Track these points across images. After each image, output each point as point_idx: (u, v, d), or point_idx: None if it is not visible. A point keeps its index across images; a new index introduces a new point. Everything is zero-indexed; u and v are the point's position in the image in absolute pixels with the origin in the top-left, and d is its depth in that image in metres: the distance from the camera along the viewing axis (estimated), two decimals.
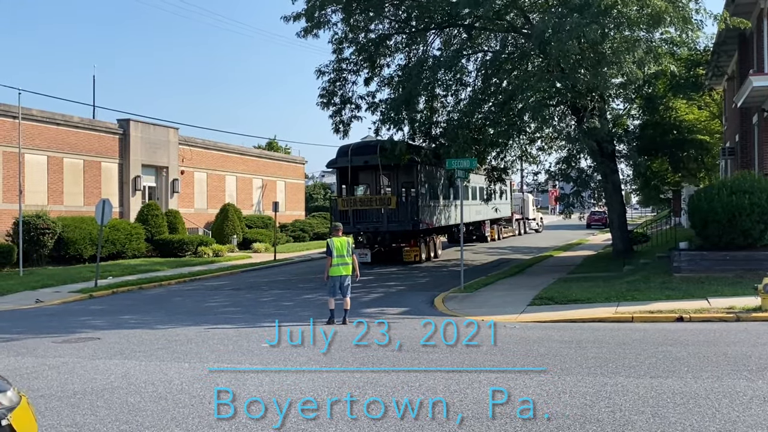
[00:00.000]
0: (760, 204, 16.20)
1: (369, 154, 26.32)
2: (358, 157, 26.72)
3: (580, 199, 24.22)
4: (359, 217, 26.33)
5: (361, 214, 26.42)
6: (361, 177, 29.07)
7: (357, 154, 26.82)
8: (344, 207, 26.60)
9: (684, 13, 18.40)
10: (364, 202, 26.88)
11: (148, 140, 35.77)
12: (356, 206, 26.66)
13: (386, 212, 25.86)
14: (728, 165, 26.76)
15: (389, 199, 26.22)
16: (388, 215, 25.85)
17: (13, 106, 27.32)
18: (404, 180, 27.93)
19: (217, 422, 7.01)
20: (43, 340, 12.55)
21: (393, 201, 26.03)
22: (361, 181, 29.48)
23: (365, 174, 28.71)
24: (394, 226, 26.03)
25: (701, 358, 9.34)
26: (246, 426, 6.85)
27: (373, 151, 26.04)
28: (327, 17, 23.31)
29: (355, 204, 26.80)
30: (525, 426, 6.58)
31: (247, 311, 16.21)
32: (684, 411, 6.90)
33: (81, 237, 28.35)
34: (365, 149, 26.80)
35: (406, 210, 26.21)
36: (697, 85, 25.22)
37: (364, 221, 26.32)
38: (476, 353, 10.11)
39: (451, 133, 22.43)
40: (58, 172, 31.07)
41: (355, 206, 26.65)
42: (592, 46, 18.81)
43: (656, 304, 13.90)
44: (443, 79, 23.30)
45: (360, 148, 27.14)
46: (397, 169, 27.06)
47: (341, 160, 27.28)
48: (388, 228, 26.07)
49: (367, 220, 26.32)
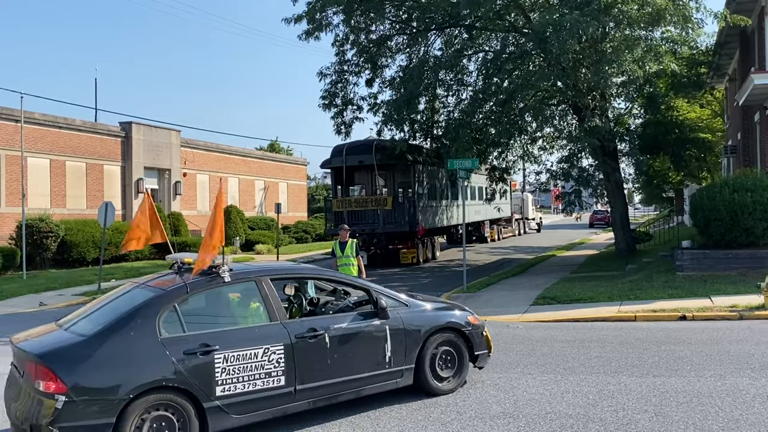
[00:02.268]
0: (762, 202, 16.18)
1: (364, 154, 25.70)
2: (353, 157, 26.00)
3: (579, 199, 24.13)
4: (354, 219, 25.51)
5: (357, 215, 25.69)
6: (356, 177, 28.06)
7: (352, 153, 26.10)
8: (339, 208, 25.96)
9: (684, 12, 18.41)
10: (360, 203, 26.07)
11: (150, 143, 35.84)
12: (351, 207, 25.88)
13: (382, 213, 25.21)
14: (730, 163, 26.74)
15: (385, 200, 25.52)
16: (384, 216, 25.19)
17: (16, 109, 27.42)
18: (401, 180, 27.20)
19: None
20: None
21: (389, 201, 25.34)
22: (357, 182, 28.37)
23: (361, 174, 27.79)
24: (390, 228, 25.35)
25: (704, 356, 9.35)
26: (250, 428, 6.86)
27: (368, 150, 25.51)
28: (328, 19, 23.38)
29: (350, 205, 25.99)
30: (528, 426, 6.59)
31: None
32: (687, 410, 6.91)
33: (84, 240, 28.40)
34: (360, 149, 26.14)
35: (403, 211, 25.45)
36: (699, 84, 25.21)
37: (359, 222, 25.49)
38: None
39: (453, 133, 22.46)
40: (61, 176, 31.13)
41: (350, 207, 25.87)
42: (592, 45, 18.83)
43: (659, 302, 13.88)
44: (444, 79, 23.38)
45: (355, 147, 26.38)
46: (393, 169, 26.50)
47: (335, 160, 26.55)
48: (384, 229, 25.42)
49: (362, 222, 25.54)
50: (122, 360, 6.12)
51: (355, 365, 7.26)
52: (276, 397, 6.74)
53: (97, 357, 6.06)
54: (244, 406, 6.56)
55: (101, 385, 5.99)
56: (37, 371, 5.98)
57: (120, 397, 5.97)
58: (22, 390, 6.24)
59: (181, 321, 6.55)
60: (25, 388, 6.16)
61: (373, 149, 25.11)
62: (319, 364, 7.01)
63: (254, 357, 6.63)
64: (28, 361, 6.16)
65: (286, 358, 6.80)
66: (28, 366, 6.16)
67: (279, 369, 6.75)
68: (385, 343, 7.48)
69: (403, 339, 7.64)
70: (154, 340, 6.31)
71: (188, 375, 6.29)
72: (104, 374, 6.03)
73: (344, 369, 7.16)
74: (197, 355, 6.37)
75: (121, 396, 5.97)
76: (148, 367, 6.17)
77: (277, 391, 6.74)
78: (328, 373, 7.05)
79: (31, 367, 6.09)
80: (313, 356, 6.98)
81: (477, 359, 8.35)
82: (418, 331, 7.79)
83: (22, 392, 6.23)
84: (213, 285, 6.98)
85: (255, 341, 6.71)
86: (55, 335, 6.56)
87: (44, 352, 6.11)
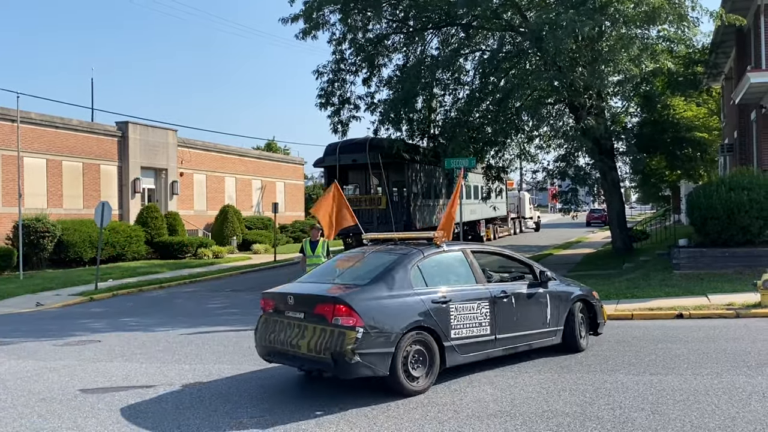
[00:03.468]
0: (758, 200, 16.22)
1: (358, 152, 25.03)
2: (347, 155, 25.32)
3: (576, 198, 24.10)
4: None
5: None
6: (350, 176, 27.61)
7: (345, 152, 25.43)
8: None
9: (680, 10, 18.42)
10: (353, 203, 24.82)
11: (146, 142, 35.79)
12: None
13: (376, 213, 24.67)
14: (727, 161, 26.79)
15: (379, 199, 25.06)
16: (378, 216, 24.65)
17: (12, 109, 27.35)
18: (395, 179, 26.69)
19: (219, 423, 7.02)
20: (43, 343, 12.56)
21: (383, 201, 24.85)
22: (351, 181, 27.99)
23: (354, 173, 27.34)
24: (384, 228, 24.39)
25: (701, 354, 9.37)
26: (246, 426, 6.86)
27: (361, 149, 24.92)
28: (325, 18, 23.32)
29: None
30: (525, 424, 6.59)
31: (247, 313, 16.21)
32: (684, 407, 6.92)
33: (81, 240, 28.35)
34: (354, 147, 25.41)
35: (397, 210, 24.96)
36: (695, 83, 25.24)
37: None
38: None
39: (450, 132, 22.44)
40: (57, 175, 31.08)
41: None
42: (588, 44, 18.85)
43: (656, 301, 13.92)
44: (441, 78, 23.32)
45: (348, 146, 25.67)
46: (387, 168, 25.79)
47: (329, 159, 25.86)
48: (378, 229, 24.56)
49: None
50: (395, 304, 7.88)
51: (529, 322, 9.18)
52: (484, 343, 8.58)
53: (377, 300, 7.79)
54: (467, 348, 8.38)
55: (384, 322, 7.66)
56: (335, 310, 7.58)
57: (396, 332, 7.68)
58: (308, 328, 7.81)
59: (423, 277, 8.37)
60: (314, 326, 7.73)
61: (366, 148, 24.64)
62: (509, 319, 8.89)
63: (472, 310, 8.49)
64: (322, 304, 7.78)
65: (490, 312, 8.67)
66: (320, 308, 7.76)
67: (486, 321, 8.59)
68: (546, 307, 9.46)
69: (558, 304, 9.64)
70: (411, 291, 8.11)
71: (436, 319, 8.06)
72: (384, 314, 7.73)
73: (523, 325, 9.09)
74: (441, 304, 8.18)
75: (396, 331, 7.68)
76: (411, 310, 7.93)
77: (485, 338, 8.59)
78: (514, 327, 8.94)
79: (326, 308, 7.67)
80: (505, 313, 8.86)
81: (598, 327, 10.34)
82: (566, 300, 9.80)
83: (309, 330, 7.79)
84: (436, 252, 8.86)
85: (471, 297, 8.55)
86: (323, 286, 8.43)
87: (340, 296, 7.74)
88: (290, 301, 8.22)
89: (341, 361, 7.41)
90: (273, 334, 8.24)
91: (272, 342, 8.23)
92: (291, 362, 8.20)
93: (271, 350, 8.30)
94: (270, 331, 8.31)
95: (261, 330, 8.51)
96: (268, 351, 8.39)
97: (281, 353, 8.14)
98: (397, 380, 7.66)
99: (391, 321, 7.69)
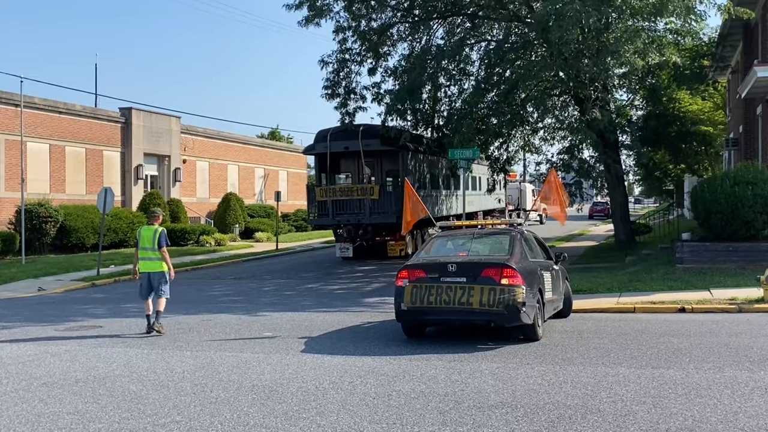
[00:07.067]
0: (763, 195, 16.15)
1: (350, 140, 23.92)
2: (338, 143, 24.22)
3: (580, 191, 24.04)
4: (339, 208, 24.14)
5: (342, 204, 24.16)
6: (342, 164, 26.62)
7: (337, 139, 24.30)
8: (323, 197, 24.36)
9: (687, 3, 18.27)
10: (345, 192, 24.43)
11: (150, 129, 35.74)
12: (336, 196, 24.25)
13: (369, 203, 23.73)
14: (732, 156, 26.69)
15: (372, 189, 23.93)
16: (370, 206, 23.71)
17: (15, 94, 27.33)
18: (388, 168, 25.64)
19: (219, 410, 7.02)
20: (45, 328, 12.59)
21: (376, 191, 23.79)
22: (343, 169, 26.97)
23: (347, 161, 26.25)
24: (376, 218, 23.76)
25: (703, 348, 9.35)
26: (247, 414, 6.86)
27: (354, 136, 23.85)
28: (329, 6, 23.18)
29: (334, 194, 24.34)
30: (527, 416, 6.58)
31: (249, 300, 16.24)
32: (685, 401, 6.90)
33: (83, 225, 28.38)
34: (346, 134, 24.27)
35: (391, 201, 23.59)
36: (701, 76, 25.11)
37: (344, 213, 24.13)
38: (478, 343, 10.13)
39: (455, 123, 22.34)
40: (60, 161, 31.07)
41: (335, 196, 24.25)
42: (594, 35, 18.73)
43: (658, 294, 13.89)
44: (447, 68, 23.19)
45: (340, 132, 24.48)
46: (380, 157, 25.00)
47: (319, 146, 24.79)
48: (370, 220, 23.86)
49: (348, 212, 24.11)
50: (530, 269, 10.35)
51: (558, 291, 11.73)
52: (551, 302, 11.12)
53: (523, 266, 10.09)
54: (548, 306, 10.86)
55: (531, 283, 10.02)
56: (502, 273, 9.70)
57: (535, 290, 10.18)
58: (474, 288, 9.67)
59: (524, 249, 10.70)
60: (482, 286, 9.65)
61: (359, 135, 23.68)
62: (557, 287, 11.62)
63: (548, 278, 11.02)
64: (489, 268, 9.87)
65: (553, 280, 11.35)
66: (487, 271, 9.81)
67: (550, 286, 11.05)
68: (561, 281, 12.03)
69: (565, 280, 12.47)
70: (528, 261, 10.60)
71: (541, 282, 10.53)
72: (531, 276, 10.14)
73: (558, 291, 11.71)
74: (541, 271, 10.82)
75: (535, 290, 10.18)
76: (537, 273, 10.54)
77: (553, 299, 11.24)
78: (558, 293, 11.68)
79: (494, 271, 9.77)
80: (554, 281, 11.41)
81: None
82: (564, 276, 12.49)
83: (476, 290, 9.66)
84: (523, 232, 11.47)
85: (547, 267, 11.26)
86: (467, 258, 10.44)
87: (504, 261, 9.99)
88: (452, 268, 9.92)
89: (513, 311, 9.54)
90: (432, 296, 9.82)
91: (432, 303, 9.81)
92: (456, 316, 9.99)
93: (429, 309, 9.89)
94: (428, 294, 9.86)
95: (413, 294, 9.95)
96: (425, 311, 9.95)
97: (444, 311, 9.82)
98: (535, 328, 10.02)
99: (533, 282, 10.12)
